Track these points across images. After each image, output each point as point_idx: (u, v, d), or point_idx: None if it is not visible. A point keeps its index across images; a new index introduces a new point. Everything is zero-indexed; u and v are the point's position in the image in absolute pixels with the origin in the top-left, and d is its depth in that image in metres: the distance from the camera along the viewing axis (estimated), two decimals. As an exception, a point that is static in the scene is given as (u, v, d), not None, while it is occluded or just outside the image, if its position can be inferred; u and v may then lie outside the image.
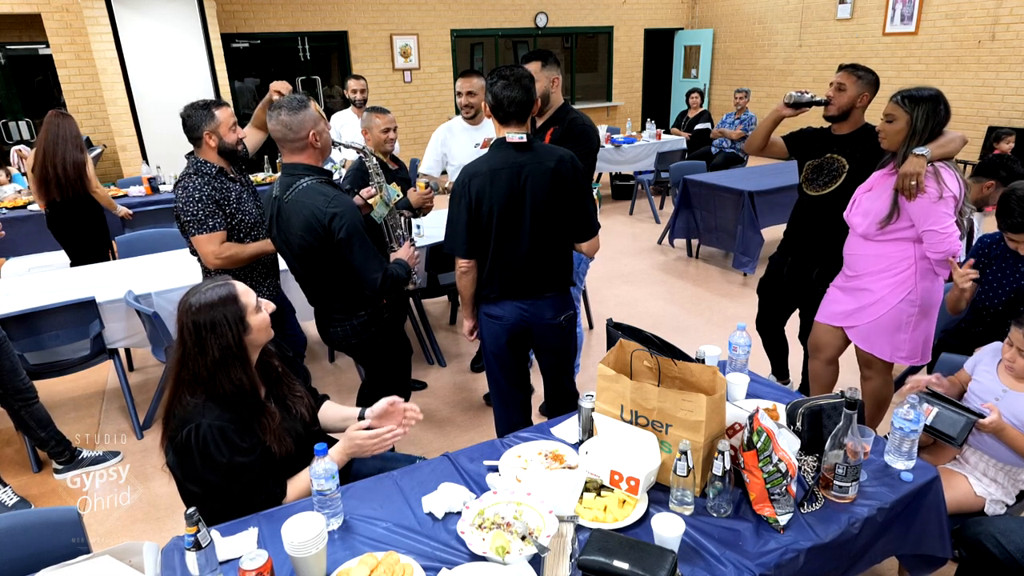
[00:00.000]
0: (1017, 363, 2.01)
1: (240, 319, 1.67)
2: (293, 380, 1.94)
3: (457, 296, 4.84)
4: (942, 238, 2.29)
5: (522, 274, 2.35)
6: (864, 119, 2.78)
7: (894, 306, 2.48)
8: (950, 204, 2.27)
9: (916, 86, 2.36)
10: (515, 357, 2.53)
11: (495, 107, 2.24)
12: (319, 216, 2.20)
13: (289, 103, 2.24)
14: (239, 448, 1.65)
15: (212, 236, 2.60)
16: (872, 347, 2.59)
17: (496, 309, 2.42)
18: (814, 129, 2.95)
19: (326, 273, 2.35)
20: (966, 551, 1.87)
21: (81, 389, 3.89)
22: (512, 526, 1.51)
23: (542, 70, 2.85)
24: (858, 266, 2.55)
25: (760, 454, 1.56)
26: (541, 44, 10.90)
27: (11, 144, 7.42)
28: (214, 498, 1.67)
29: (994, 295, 2.62)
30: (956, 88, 8.23)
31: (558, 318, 2.45)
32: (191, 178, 2.62)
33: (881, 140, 2.42)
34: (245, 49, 8.87)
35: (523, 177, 2.24)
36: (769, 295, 3.26)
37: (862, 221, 2.46)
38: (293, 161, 2.30)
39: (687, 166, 6.48)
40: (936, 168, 2.28)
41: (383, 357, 2.59)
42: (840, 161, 2.78)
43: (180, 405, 1.65)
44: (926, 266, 2.42)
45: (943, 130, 2.32)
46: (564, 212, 2.33)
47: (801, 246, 3.00)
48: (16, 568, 1.55)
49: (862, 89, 2.68)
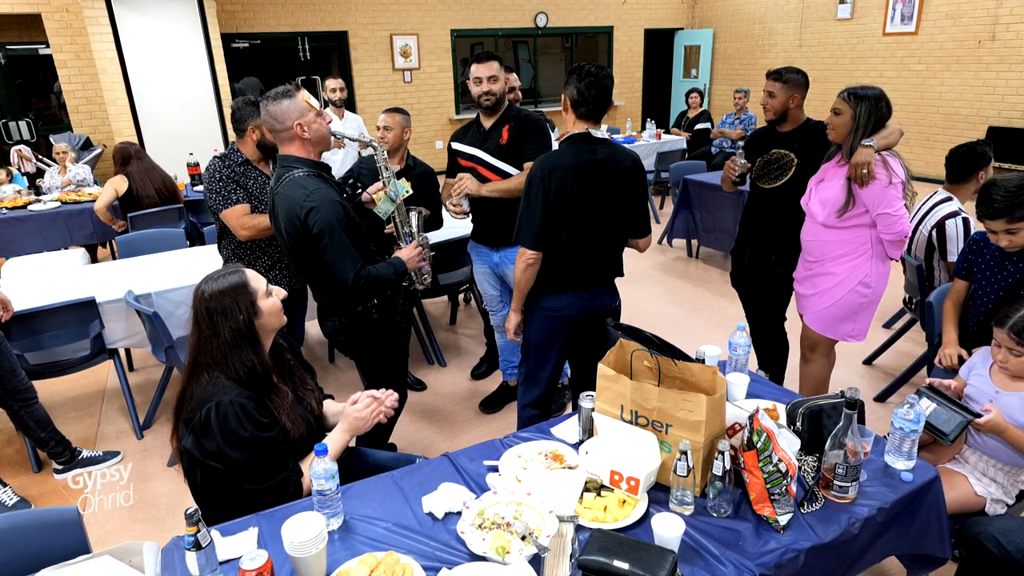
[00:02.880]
0: (1010, 362, 2.02)
1: (251, 303, 1.73)
2: (304, 374, 2.00)
3: (457, 296, 4.87)
4: (894, 220, 2.49)
5: (590, 266, 2.42)
6: (804, 115, 2.99)
7: (851, 288, 2.67)
8: (899, 188, 2.48)
9: (861, 85, 2.58)
10: (564, 351, 2.55)
11: (579, 102, 2.28)
12: (296, 210, 2.18)
13: (275, 93, 2.22)
14: (260, 423, 1.68)
15: (236, 209, 2.79)
16: (825, 329, 2.79)
17: (555, 301, 2.45)
18: (760, 130, 3.18)
19: (310, 267, 2.34)
20: (966, 551, 1.87)
21: (81, 389, 3.89)
22: (512, 526, 1.51)
23: (501, 69, 2.95)
24: (818, 252, 2.73)
25: (760, 454, 1.56)
26: (541, 44, 10.90)
27: (11, 144, 7.41)
28: (240, 476, 1.69)
29: (984, 294, 2.63)
30: (956, 88, 8.24)
31: (614, 303, 2.56)
32: (214, 161, 2.87)
33: (829, 132, 2.63)
34: (245, 49, 8.87)
35: (604, 172, 2.31)
36: (741, 286, 3.41)
37: (821, 210, 2.65)
38: (286, 152, 2.29)
39: (687, 166, 6.48)
40: (883, 157, 2.49)
41: (372, 357, 2.57)
42: (788, 156, 2.97)
43: (198, 386, 1.70)
44: (880, 250, 2.63)
45: (885, 124, 2.53)
46: (631, 208, 2.43)
47: (758, 235, 3.17)
48: (16, 568, 1.55)
49: (791, 91, 2.89)
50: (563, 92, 2.34)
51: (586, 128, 2.31)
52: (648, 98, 12.04)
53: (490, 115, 3.01)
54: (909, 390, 3.47)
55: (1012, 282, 2.51)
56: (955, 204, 3.17)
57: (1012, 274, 2.51)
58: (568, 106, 2.32)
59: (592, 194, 2.31)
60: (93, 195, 5.37)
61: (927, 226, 3.25)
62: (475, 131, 3.08)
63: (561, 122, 3.06)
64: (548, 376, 2.58)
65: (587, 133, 2.31)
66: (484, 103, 2.94)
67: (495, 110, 2.97)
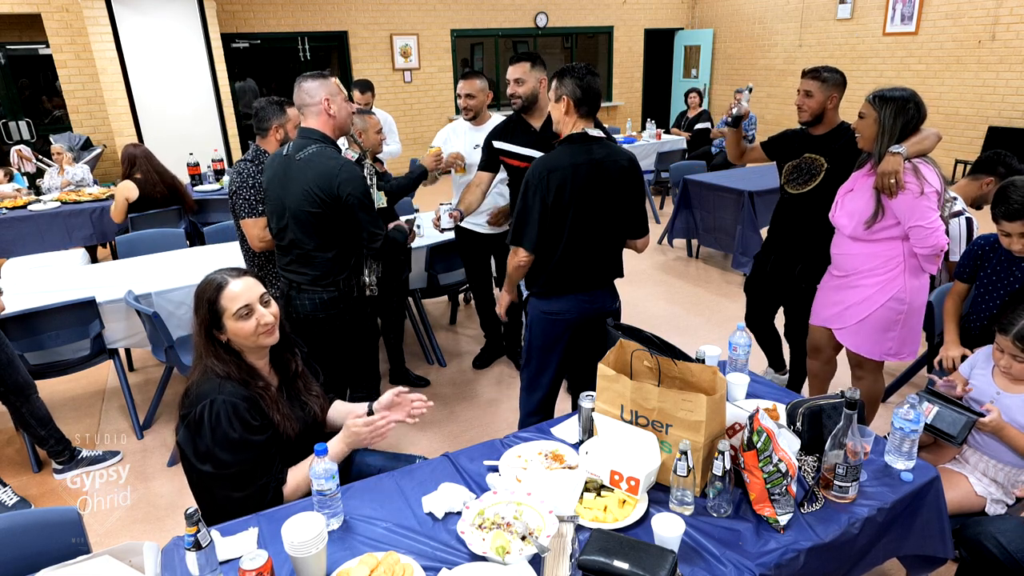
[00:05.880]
0: (1013, 368, 2.01)
1: (215, 313, 1.72)
2: (311, 381, 1.98)
3: (457, 296, 4.87)
4: (928, 233, 2.31)
5: (590, 267, 2.41)
6: (839, 118, 2.84)
7: (883, 304, 2.48)
8: (932, 199, 2.29)
9: (891, 86, 2.40)
10: (566, 354, 2.54)
11: (582, 100, 2.26)
12: (329, 177, 2.34)
13: (311, 73, 2.43)
14: (251, 426, 1.68)
15: (258, 221, 2.81)
16: (860, 347, 2.60)
17: (555, 304, 2.44)
18: (791, 131, 3.02)
19: (320, 233, 2.44)
20: (966, 551, 1.87)
21: (81, 389, 3.89)
22: (512, 526, 1.51)
23: (531, 71, 2.92)
24: (847, 266, 2.56)
25: (760, 454, 1.56)
26: (541, 44, 10.90)
27: (11, 144, 7.41)
28: (224, 479, 1.68)
29: (989, 299, 2.61)
30: (956, 88, 8.24)
31: (615, 304, 2.55)
32: (246, 164, 2.86)
33: (858, 139, 2.47)
34: (245, 49, 8.87)
35: (602, 172, 2.30)
36: (756, 293, 3.33)
37: (848, 222, 2.48)
38: (309, 126, 2.44)
39: (687, 166, 6.48)
40: (915, 164, 2.31)
41: (345, 339, 2.62)
42: (818, 160, 2.84)
43: (196, 375, 1.71)
44: (914, 264, 2.44)
45: (920, 128, 2.35)
46: (629, 208, 2.41)
47: (784, 243, 3.06)
48: (16, 568, 1.54)
49: (829, 91, 2.74)
50: (559, 93, 2.28)
51: (583, 128, 2.30)
52: (648, 98, 12.03)
53: (534, 116, 3.01)
54: (909, 390, 3.48)
55: (1020, 287, 2.50)
56: (959, 204, 3.17)
57: (1019, 279, 2.50)
58: (571, 107, 2.27)
59: (591, 195, 2.29)
60: (93, 195, 5.37)
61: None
62: (521, 131, 3.05)
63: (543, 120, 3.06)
64: (550, 381, 2.57)
65: (584, 133, 2.29)
66: (513, 105, 3.04)
67: (529, 111, 3.02)
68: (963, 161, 8.21)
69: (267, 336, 1.77)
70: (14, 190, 5.43)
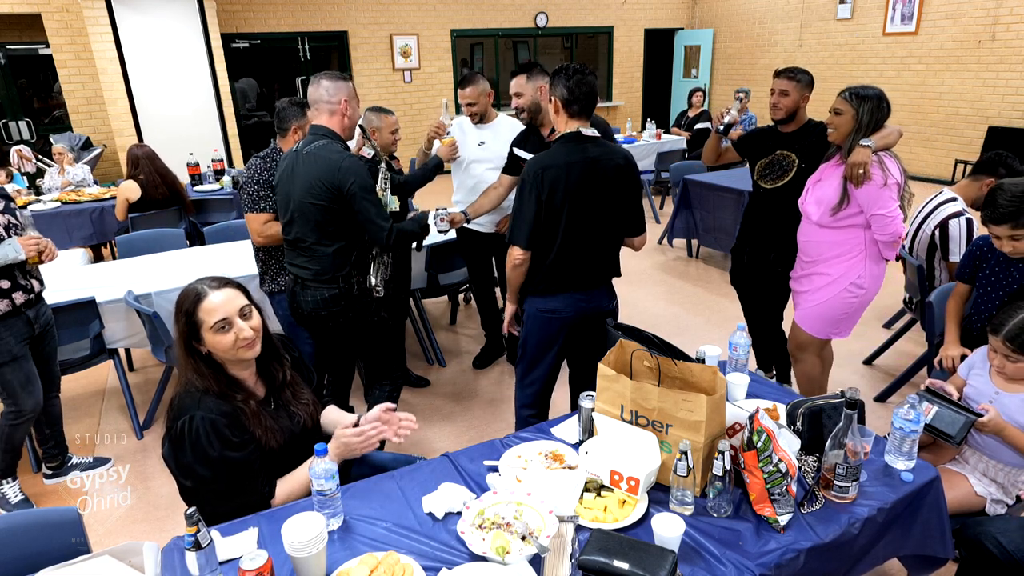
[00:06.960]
0: (1007, 368, 2.02)
1: (192, 325, 1.69)
2: (301, 388, 1.93)
3: (457, 296, 4.87)
4: (888, 221, 2.50)
5: (586, 266, 2.41)
6: (807, 116, 2.99)
7: (844, 288, 2.67)
8: (894, 189, 2.49)
9: (862, 85, 2.57)
10: (561, 352, 2.55)
11: (570, 100, 2.28)
12: (333, 169, 2.37)
13: (332, 73, 2.49)
14: (230, 443, 1.65)
15: (259, 216, 2.86)
16: (812, 327, 2.80)
17: (552, 303, 2.44)
18: (759, 129, 3.16)
19: (316, 229, 2.45)
20: (966, 551, 1.87)
21: (81, 389, 3.89)
22: (512, 526, 1.51)
23: (527, 82, 2.97)
24: (813, 252, 2.74)
25: (760, 454, 1.56)
26: (541, 44, 10.91)
27: (11, 144, 7.41)
28: (206, 494, 1.67)
29: (989, 299, 2.62)
30: (956, 88, 8.24)
31: (611, 304, 2.55)
32: (257, 160, 2.92)
33: (830, 133, 2.61)
34: (245, 49, 8.88)
35: (597, 171, 2.31)
36: (741, 285, 3.41)
37: (816, 209, 2.65)
38: (321, 123, 2.48)
39: (687, 166, 6.48)
40: (880, 157, 2.49)
41: (351, 336, 2.63)
42: (790, 156, 2.97)
43: (180, 395, 1.69)
44: (875, 251, 2.63)
45: (884, 124, 2.54)
46: (625, 207, 2.43)
47: (758, 235, 3.18)
48: (16, 568, 1.54)
49: (802, 91, 2.90)
50: (551, 94, 2.33)
51: (577, 127, 2.31)
52: (648, 98, 12.04)
53: (543, 123, 3.03)
54: (909, 390, 3.47)
55: (1018, 288, 2.51)
56: (959, 204, 3.17)
57: (1017, 280, 2.51)
58: (559, 106, 2.31)
59: (586, 193, 2.30)
60: (93, 195, 5.38)
61: (930, 226, 3.25)
62: (533, 139, 3.09)
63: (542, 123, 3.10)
64: (543, 376, 2.58)
65: (578, 132, 2.30)
66: (521, 119, 3.13)
67: (538, 119, 3.05)
68: (963, 161, 8.22)
69: (247, 350, 1.72)
70: (14, 191, 5.43)
